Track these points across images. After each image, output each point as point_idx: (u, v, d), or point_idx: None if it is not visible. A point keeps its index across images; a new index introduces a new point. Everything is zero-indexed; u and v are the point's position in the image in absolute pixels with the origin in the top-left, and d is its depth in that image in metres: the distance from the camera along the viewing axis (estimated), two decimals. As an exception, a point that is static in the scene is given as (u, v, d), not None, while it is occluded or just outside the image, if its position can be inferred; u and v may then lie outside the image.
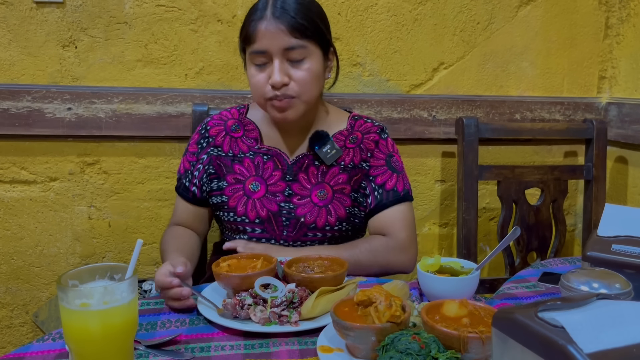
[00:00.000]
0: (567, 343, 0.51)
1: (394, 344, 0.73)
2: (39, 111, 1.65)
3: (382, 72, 1.84)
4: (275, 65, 1.16)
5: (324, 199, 1.27)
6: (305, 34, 1.17)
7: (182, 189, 1.34)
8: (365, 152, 1.32)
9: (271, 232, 1.26)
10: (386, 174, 1.31)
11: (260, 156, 1.30)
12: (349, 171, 1.30)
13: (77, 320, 0.72)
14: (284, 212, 1.26)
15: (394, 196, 1.30)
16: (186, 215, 1.35)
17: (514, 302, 1.05)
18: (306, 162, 1.29)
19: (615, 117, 1.92)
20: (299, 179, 1.28)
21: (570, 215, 2.08)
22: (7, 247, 1.75)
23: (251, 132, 1.32)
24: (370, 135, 1.33)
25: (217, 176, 1.30)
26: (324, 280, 0.99)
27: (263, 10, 1.17)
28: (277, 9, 1.16)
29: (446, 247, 2.02)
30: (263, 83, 1.19)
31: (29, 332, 1.82)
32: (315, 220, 1.25)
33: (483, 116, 1.89)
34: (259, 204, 1.26)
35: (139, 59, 1.69)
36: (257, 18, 1.17)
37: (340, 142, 1.31)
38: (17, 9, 1.61)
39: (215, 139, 1.32)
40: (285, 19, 1.15)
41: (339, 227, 1.27)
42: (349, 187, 1.29)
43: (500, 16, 1.87)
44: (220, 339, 0.89)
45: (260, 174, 1.28)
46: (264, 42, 1.16)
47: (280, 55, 1.16)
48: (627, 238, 1.07)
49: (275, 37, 1.15)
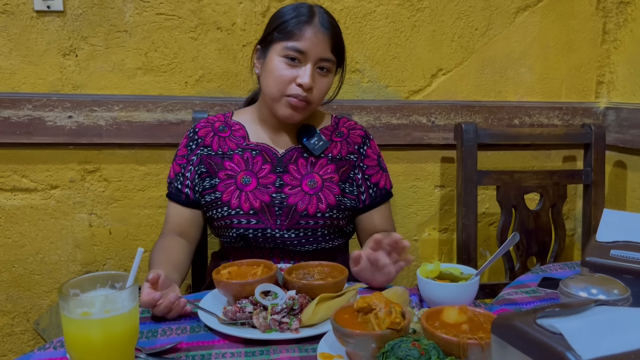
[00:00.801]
0: (566, 350, 0.51)
1: (394, 350, 0.74)
2: (40, 119, 1.65)
3: (381, 79, 1.85)
4: (308, 69, 1.23)
5: (314, 187, 1.31)
6: (338, 52, 1.29)
7: (175, 192, 1.34)
8: (353, 145, 1.39)
9: (265, 221, 1.28)
10: (378, 174, 1.41)
11: (249, 152, 1.33)
12: (337, 162, 1.36)
13: (78, 329, 0.72)
14: (277, 202, 1.29)
15: (385, 194, 1.41)
16: (179, 220, 1.34)
17: (513, 308, 1.05)
18: (295, 154, 1.34)
19: (613, 121, 1.93)
20: (289, 170, 1.32)
21: (569, 220, 2.08)
22: (8, 254, 1.75)
23: (238, 131, 1.37)
24: (355, 131, 1.42)
25: (209, 174, 1.32)
26: (324, 287, 1.00)
27: (310, 16, 1.24)
28: (325, 21, 1.25)
29: (446, 253, 2.02)
30: (289, 79, 1.24)
31: (30, 339, 1.82)
32: (307, 207, 1.28)
33: (482, 122, 1.90)
34: (251, 195, 1.29)
35: (139, 67, 1.70)
36: (304, 20, 1.23)
37: (327, 135, 1.38)
38: (17, 18, 1.62)
39: (204, 140, 1.35)
40: (331, 32, 1.25)
41: (329, 214, 1.30)
42: (337, 177, 1.34)
43: (498, 22, 1.88)
44: (221, 346, 0.89)
45: (250, 168, 1.32)
46: (306, 44, 1.22)
47: (313, 62, 1.24)
48: (626, 243, 1.07)
49: (319, 45, 1.23)
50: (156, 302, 0.96)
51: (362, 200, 1.37)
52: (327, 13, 1.28)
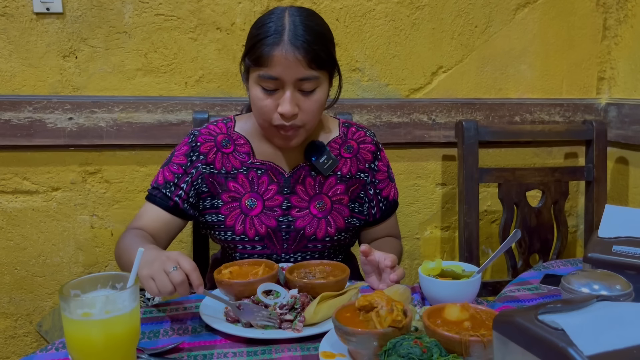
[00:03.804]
0: (568, 345, 0.51)
1: (396, 348, 0.74)
2: (41, 121, 1.65)
3: (381, 77, 1.84)
4: (287, 96, 1.11)
5: (322, 210, 1.25)
6: (321, 65, 1.12)
7: (160, 198, 1.22)
8: (363, 162, 1.31)
9: (271, 247, 1.24)
10: (388, 186, 1.35)
11: (254, 171, 1.25)
12: (346, 181, 1.29)
13: (79, 330, 0.72)
14: (283, 227, 1.23)
15: (394, 205, 1.38)
16: (155, 222, 1.22)
17: (516, 305, 1.05)
18: (303, 173, 1.26)
19: (614, 117, 1.92)
20: (297, 191, 1.25)
21: (571, 217, 2.08)
22: (10, 257, 1.75)
23: (242, 147, 1.26)
24: (366, 146, 1.32)
25: (211, 194, 1.24)
26: (325, 285, 1.00)
27: (279, 34, 1.09)
28: (295, 36, 1.09)
29: (448, 251, 2.02)
30: (271, 109, 1.13)
31: (33, 342, 1.82)
32: (315, 232, 1.24)
33: (483, 119, 1.90)
34: (257, 221, 1.22)
35: (139, 68, 1.70)
36: (272, 42, 1.09)
37: (335, 150, 1.29)
38: (17, 21, 1.62)
39: (207, 156, 1.24)
40: (304, 48, 1.09)
41: (338, 237, 1.27)
42: (347, 198, 1.28)
43: (498, 19, 1.88)
44: (222, 346, 0.89)
45: (255, 189, 1.24)
46: (277, 70, 1.09)
47: (292, 85, 1.11)
48: (628, 239, 1.06)
49: (291, 67, 1.09)
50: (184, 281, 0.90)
51: (372, 215, 1.32)
52: (301, 18, 1.12)
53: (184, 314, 1.00)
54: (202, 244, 1.57)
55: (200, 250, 1.55)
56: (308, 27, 1.11)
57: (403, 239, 1.97)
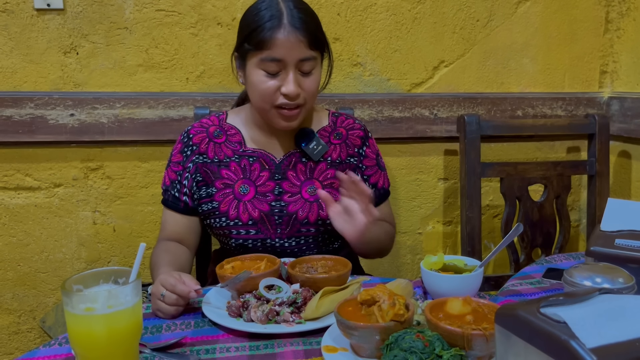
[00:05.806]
0: (570, 338, 0.51)
1: (398, 342, 0.74)
2: (42, 118, 1.65)
3: (383, 72, 1.84)
4: (291, 76, 1.17)
5: (314, 194, 1.28)
6: (318, 46, 1.21)
7: (172, 200, 1.30)
8: (352, 147, 1.35)
9: (265, 231, 1.26)
10: (377, 174, 1.39)
11: (246, 159, 1.29)
12: (336, 166, 1.33)
13: (82, 325, 0.73)
14: (276, 211, 1.26)
15: (384, 194, 1.41)
16: (177, 228, 1.30)
17: (518, 299, 1.05)
18: (294, 159, 1.31)
19: (617, 111, 1.91)
20: (288, 176, 1.29)
21: (574, 211, 2.07)
22: (13, 253, 1.76)
23: (233, 137, 1.31)
24: (354, 132, 1.37)
25: (205, 183, 1.28)
26: (327, 280, 1.00)
27: (278, 18, 1.15)
28: (295, 19, 1.15)
29: (450, 245, 2.02)
30: (273, 90, 1.18)
31: (37, 337, 1.82)
32: (307, 215, 1.26)
33: (484, 113, 1.89)
34: (250, 205, 1.25)
35: (140, 64, 1.70)
36: (272, 25, 1.14)
37: (325, 137, 1.34)
38: (18, 17, 1.62)
39: (200, 146, 1.30)
40: (304, 29, 1.15)
41: (330, 220, 1.28)
42: (337, 182, 1.30)
43: (500, 13, 1.87)
44: (225, 340, 0.90)
45: (248, 176, 1.28)
46: (281, 51, 1.14)
47: (294, 66, 1.17)
48: (631, 232, 1.06)
49: (294, 48, 1.15)
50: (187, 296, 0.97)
51: None
52: (294, 3, 1.18)
53: (186, 309, 1.01)
54: (204, 238, 1.57)
55: (202, 244, 1.55)
56: (303, 10, 1.19)
57: (405, 234, 1.97)
